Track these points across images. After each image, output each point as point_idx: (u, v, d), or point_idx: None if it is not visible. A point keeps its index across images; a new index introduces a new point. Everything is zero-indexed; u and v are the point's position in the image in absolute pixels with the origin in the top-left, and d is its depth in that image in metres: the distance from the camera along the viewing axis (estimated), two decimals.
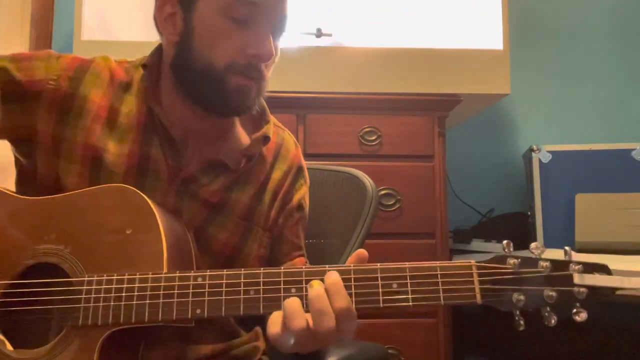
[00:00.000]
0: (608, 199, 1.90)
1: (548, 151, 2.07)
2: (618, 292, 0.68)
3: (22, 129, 0.87)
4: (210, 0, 0.85)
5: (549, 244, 1.97)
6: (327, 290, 0.69)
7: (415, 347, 1.69)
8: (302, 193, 1.03)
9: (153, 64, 0.92)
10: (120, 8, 1.85)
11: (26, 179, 0.90)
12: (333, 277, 0.70)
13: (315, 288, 0.69)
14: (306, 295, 0.70)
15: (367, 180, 1.23)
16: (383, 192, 1.75)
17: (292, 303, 0.69)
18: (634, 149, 2.02)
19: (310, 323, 0.68)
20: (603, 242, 1.83)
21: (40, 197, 0.83)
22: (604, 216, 1.87)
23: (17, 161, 0.93)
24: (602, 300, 0.67)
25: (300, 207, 1.02)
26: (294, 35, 1.80)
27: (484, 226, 2.23)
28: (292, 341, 0.68)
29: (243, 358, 0.93)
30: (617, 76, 2.44)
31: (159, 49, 0.93)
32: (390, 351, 1.66)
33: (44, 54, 0.91)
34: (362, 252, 0.74)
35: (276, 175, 1.00)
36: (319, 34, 1.80)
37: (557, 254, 0.73)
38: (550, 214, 2.03)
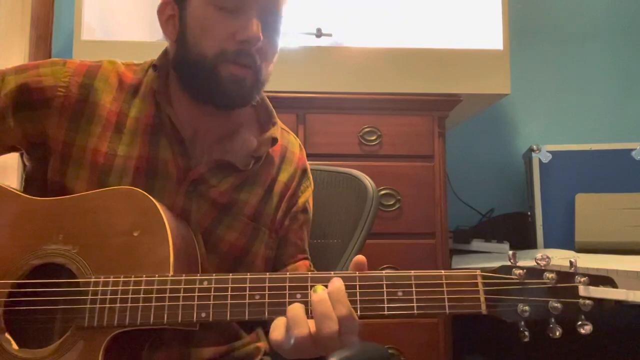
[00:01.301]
0: (608, 199, 1.91)
1: (548, 151, 2.07)
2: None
3: (33, 137, 0.88)
4: None
5: (549, 244, 1.98)
6: (330, 296, 0.69)
7: (415, 347, 1.69)
8: (307, 196, 1.04)
9: (162, 65, 0.93)
10: (120, 8, 1.85)
11: (35, 185, 0.90)
12: (336, 283, 0.70)
13: (319, 293, 0.69)
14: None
15: (368, 181, 1.23)
16: (383, 192, 1.75)
17: (296, 309, 0.69)
18: (634, 149, 2.02)
19: (312, 328, 0.68)
20: (603, 242, 1.83)
21: (49, 198, 0.84)
22: (604, 216, 1.87)
23: (24, 167, 0.93)
24: (607, 313, 0.67)
25: (305, 209, 1.03)
26: (294, 35, 1.80)
27: (484, 226, 2.23)
28: (293, 346, 0.68)
29: (244, 359, 0.93)
30: (617, 76, 2.44)
31: (166, 50, 0.94)
32: (390, 351, 1.66)
33: (49, 61, 0.92)
34: (361, 258, 0.74)
35: (282, 177, 1.00)
36: (319, 34, 1.80)
37: (558, 254, 0.72)
38: (550, 214, 2.03)
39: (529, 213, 2.14)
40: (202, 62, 0.86)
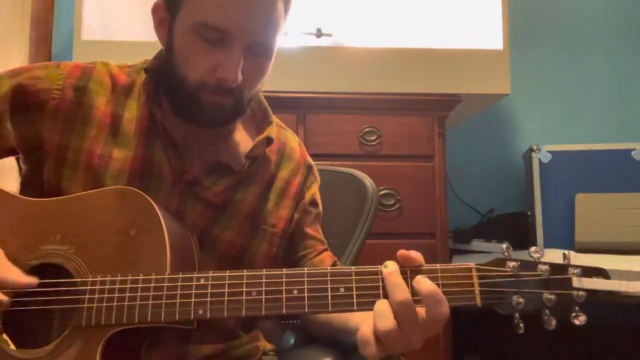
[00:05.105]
0: (608, 199, 1.90)
1: (548, 151, 2.07)
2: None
3: (29, 140, 0.88)
4: (186, 17, 0.84)
5: (549, 244, 1.98)
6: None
7: None
8: (314, 190, 1.05)
9: (155, 68, 0.92)
10: (120, 8, 1.85)
11: (31, 188, 0.90)
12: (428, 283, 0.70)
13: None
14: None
15: (367, 181, 1.23)
16: (383, 192, 1.75)
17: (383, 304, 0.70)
18: (634, 149, 2.02)
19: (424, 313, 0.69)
20: (603, 242, 1.83)
21: (46, 199, 0.84)
22: (604, 216, 1.87)
23: (21, 171, 0.94)
24: (600, 304, 0.68)
25: (313, 202, 1.04)
26: (294, 35, 1.80)
27: (484, 226, 2.23)
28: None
29: (243, 358, 0.93)
30: (616, 76, 2.44)
31: (160, 53, 0.94)
32: None
33: (42, 64, 0.92)
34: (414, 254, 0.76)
35: (283, 174, 1.00)
36: (319, 34, 1.80)
37: (558, 254, 0.73)
38: (550, 214, 2.02)
39: (529, 213, 2.13)
40: (184, 87, 0.85)
